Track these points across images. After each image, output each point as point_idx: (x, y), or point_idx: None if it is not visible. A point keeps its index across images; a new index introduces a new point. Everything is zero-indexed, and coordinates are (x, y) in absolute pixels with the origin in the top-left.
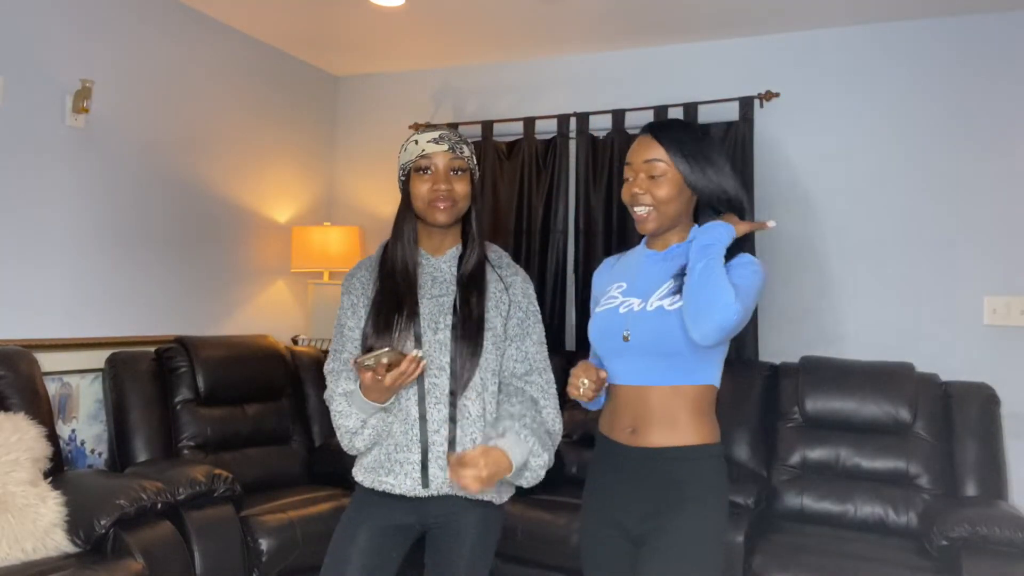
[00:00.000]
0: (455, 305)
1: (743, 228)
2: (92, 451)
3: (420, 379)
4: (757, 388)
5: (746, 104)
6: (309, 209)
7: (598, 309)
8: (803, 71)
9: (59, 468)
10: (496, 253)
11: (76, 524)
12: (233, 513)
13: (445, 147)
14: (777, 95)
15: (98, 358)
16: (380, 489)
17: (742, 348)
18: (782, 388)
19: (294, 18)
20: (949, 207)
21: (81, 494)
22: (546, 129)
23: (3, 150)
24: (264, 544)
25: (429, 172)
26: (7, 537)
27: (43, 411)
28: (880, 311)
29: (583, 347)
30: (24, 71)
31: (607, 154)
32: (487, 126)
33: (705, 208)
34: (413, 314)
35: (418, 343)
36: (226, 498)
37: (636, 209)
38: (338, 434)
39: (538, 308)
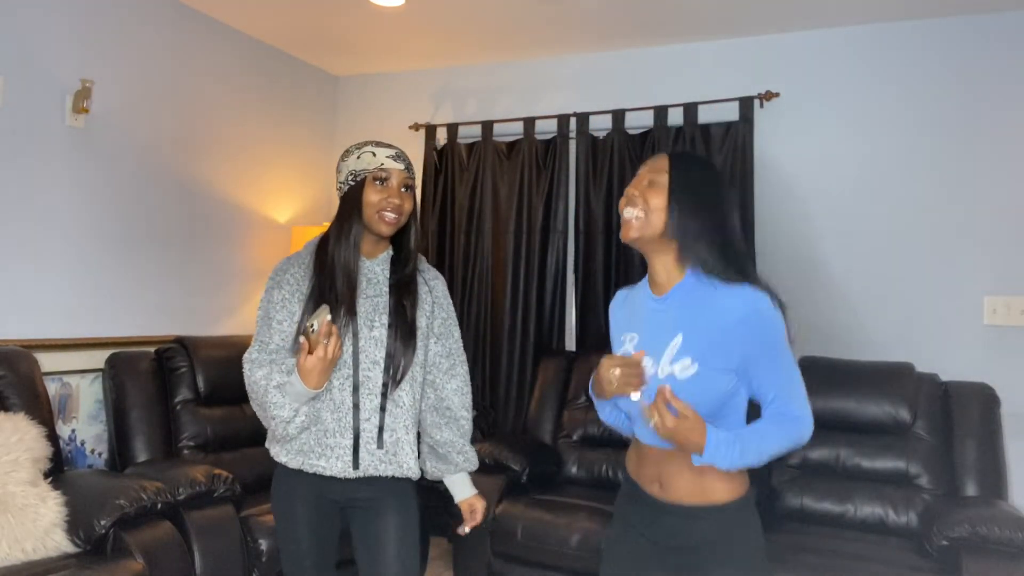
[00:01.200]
0: (390, 306)
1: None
2: (92, 451)
3: (355, 371)
4: None
5: (746, 104)
6: (309, 209)
7: None
8: (803, 71)
9: (59, 468)
10: (419, 259)
11: (76, 524)
12: (233, 513)
13: (402, 166)
14: (777, 95)
15: (98, 358)
16: (311, 471)
17: None
18: None
19: (294, 18)
20: (949, 207)
21: (81, 494)
22: (546, 129)
23: (3, 150)
24: (264, 544)
25: (385, 184)
26: (7, 537)
27: (43, 411)
28: (880, 311)
29: (583, 347)
30: (24, 71)
31: (607, 154)
32: (487, 126)
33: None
34: (351, 312)
35: (355, 339)
36: (226, 498)
37: (625, 212)
38: (272, 424)
39: (453, 307)
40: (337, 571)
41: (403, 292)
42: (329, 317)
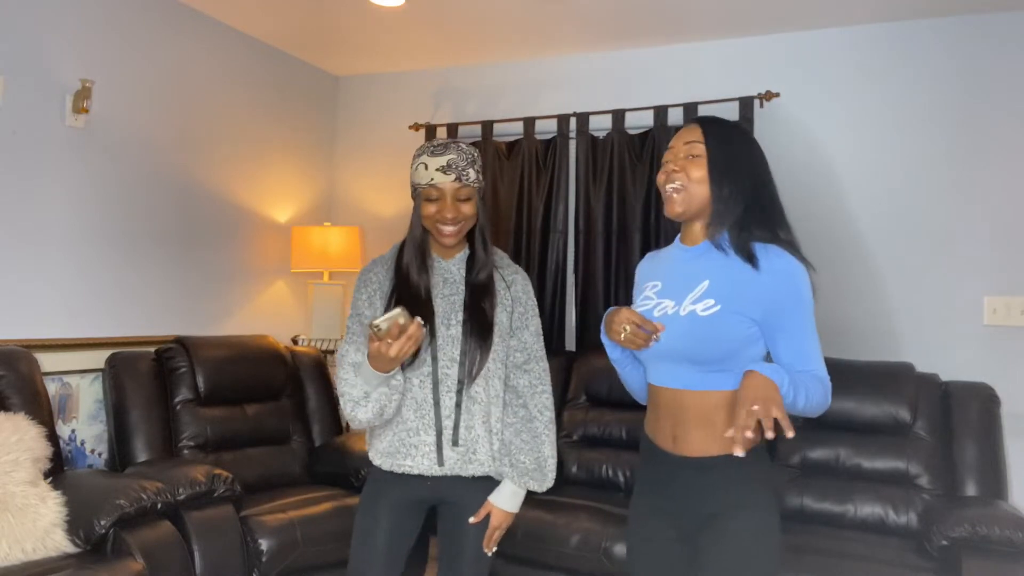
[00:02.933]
0: (465, 304)
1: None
2: (92, 451)
3: (435, 368)
4: None
5: (746, 104)
6: (309, 209)
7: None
8: (803, 71)
9: (59, 468)
10: (498, 255)
11: (76, 524)
12: (233, 513)
13: (452, 177)
14: (777, 95)
15: (98, 358)
16: (399, 471)
17: None
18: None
19: (294, 18)
20: (949, 207)
21: (81, 494)
22: (546, 129)
23: (3, 150)
24: (264, 544)
25: (437, 200)
26: (7, 537)
27: (43, 411)
28: (880, 311)
29: (583, 347)
30: (24, 71)
31: (607, 154)
32: (487, 126)
33: (724, 214)
34: (428, 312)
35: (432, 337)
36: (226, 498)
37: (668, 187)
38: (342, 402)
39: (536, 302)
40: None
41: (481, 293)
42: (402, 320)
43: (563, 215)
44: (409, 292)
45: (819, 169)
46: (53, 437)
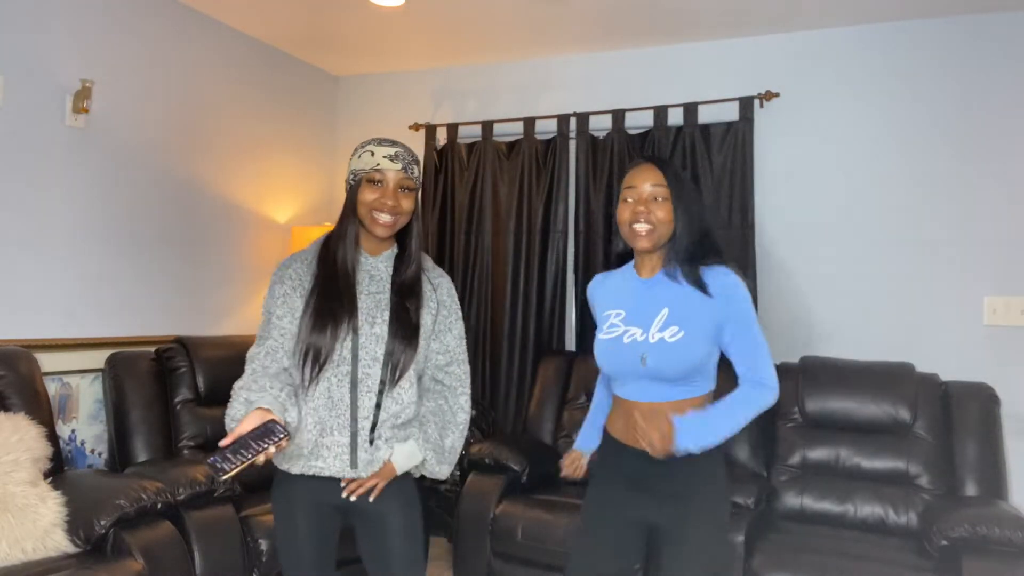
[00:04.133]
0: (391, 303)
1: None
2: (92, 451)
3: (355, 367)
4: None
5: (746, 104)
6: (309, 209)
7: (602, 336)
8: (803, 71)
9: (59, 468)
10: (424, 258)
11: (76, 524)
12: (233, 513)
13: (399, 166)
14: (777, 95)
15: (98, 358)
16: (309, 473)
17: None
18: (782, 388)
19: (294, 18)
20: (949, 207)
21: (81, 494)
22: (546, 129)
23: (3, 150)
24: (264, 544)
25: (380, 185)
26: (7, 537)
27: (43, 411)
28: (880, 311)
29: (583, 347)
30: (24, 71)
31: (607, 154)
32: (487, 126)
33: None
34: (352, 307)
35: (355, 335)
36: (226, 498)
37: (637, 226)
38: (226, 421)
39: (459, 306)
40: (338, 571)
41: (406, 293)
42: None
43: (563, 215)
44: (337, 286)
45: (819, 168)
46: (53, 437)
